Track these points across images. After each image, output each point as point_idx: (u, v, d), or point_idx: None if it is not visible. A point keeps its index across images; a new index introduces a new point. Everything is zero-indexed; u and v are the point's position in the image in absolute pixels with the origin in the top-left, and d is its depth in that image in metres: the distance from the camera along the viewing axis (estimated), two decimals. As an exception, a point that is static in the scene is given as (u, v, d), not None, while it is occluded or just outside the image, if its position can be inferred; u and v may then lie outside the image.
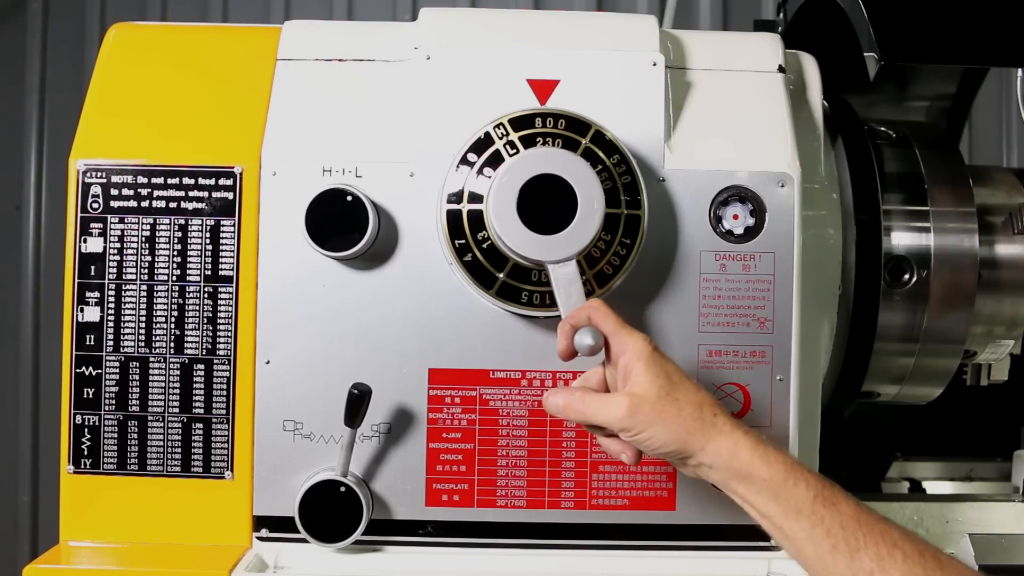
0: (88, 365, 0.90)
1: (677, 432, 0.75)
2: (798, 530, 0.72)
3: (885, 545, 0.68)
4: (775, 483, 0.73)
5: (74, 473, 0.91)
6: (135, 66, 0.97)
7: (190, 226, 0.91)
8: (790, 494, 0.72)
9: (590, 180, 0.83)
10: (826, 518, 0.71)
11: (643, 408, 0.76)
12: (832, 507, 0.71)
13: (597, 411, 0.78)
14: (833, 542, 0.70)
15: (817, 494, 0.72)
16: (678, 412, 0.75)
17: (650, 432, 0.76)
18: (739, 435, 0.75)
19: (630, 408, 0.76)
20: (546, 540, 0.91)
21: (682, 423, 0.75)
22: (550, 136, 0.88)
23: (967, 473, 1.36)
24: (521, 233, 0.83)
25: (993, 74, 1.70)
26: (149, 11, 2.44)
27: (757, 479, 0.74)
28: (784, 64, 0.98)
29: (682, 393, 0.76)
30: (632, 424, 0.76)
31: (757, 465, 0.74)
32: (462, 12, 1.03)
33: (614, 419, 0.77)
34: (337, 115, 0.93)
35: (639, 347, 0.78)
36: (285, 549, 0.90)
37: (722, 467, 0.75)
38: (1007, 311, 1.08)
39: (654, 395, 0.76)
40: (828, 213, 1.01)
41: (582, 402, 0.79)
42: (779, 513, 0.73)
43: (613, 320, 0.80)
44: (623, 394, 0.77)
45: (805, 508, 0.71)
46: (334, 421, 0.89)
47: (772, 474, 0.73)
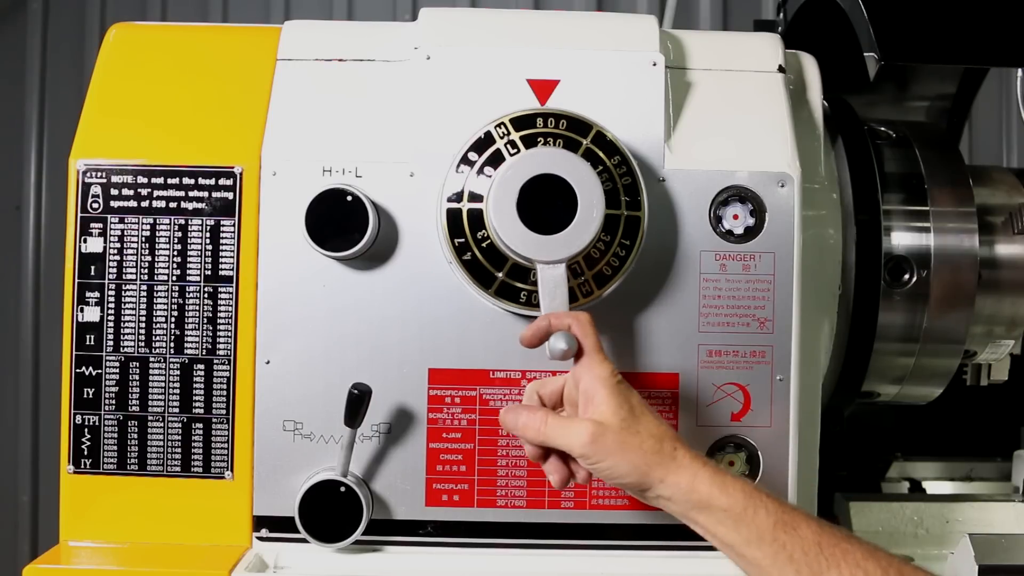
0: (88, 365, 0.90)
1: (637, 464, 0.75)
2: (761, 557, 0.72)
3: (848, 567, 0.69)
4: (735, 512, 0.73)
5: (74, 473, 0.91)
6: (135, 66, 0.97)
7: (190, 226, 0.91)
8: (751, 522, 0.72)
9: (591, 181, 0.83)
10: (788, 544, 0.71)
11: (606, 437, 0.75)
12: (793, 532, 0.71)
13: (558, 435, 0.77)
14: (796, 567, 0.70)
15: (777, 520, 0.72)
16: (639, 444, 0.75)
17: (611, 463, 0.76)
18: (698, 467, 0.75)
19: (593, 435, 0.75)
20: (546, 540, 0.91)
21: (642, 456, 0.75)
22: (551, 136, 0.88)
23: (967, 473, 1.36)
24: (520, 232, 0.83)
25: (993, 74, 1.70)
26: (149, 11, 2.44)
27: (716, 509, 0.74)
28: (784, 64, 0.98)
29: (643, 425, 0.76)
30: (593, 452, 0.75)
31: (716, 495, 0.74)
32: (462, 12, 1.03)
33: (576, 445, 0.76)
34: (337, 115, 0.93)
35: (605, 374, 0.78)
36: (285, 549, 0.90)
37: (681, 499, 0.75)
38: (1007, 311, 1.08)
39: (617, 425, 0.76)
40: (828, 213, 1.01)
41: (544, 423, 0.78)
42: (741, 542, 0.73)
43: (593, 340, 0.80)
44: (586, 420, 0.77)
45: (767, 535, 0.72)
46: (334, 421, 0.89)
47: (731, 503, 0.73)
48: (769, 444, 0.91)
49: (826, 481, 0.97)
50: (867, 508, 1.08)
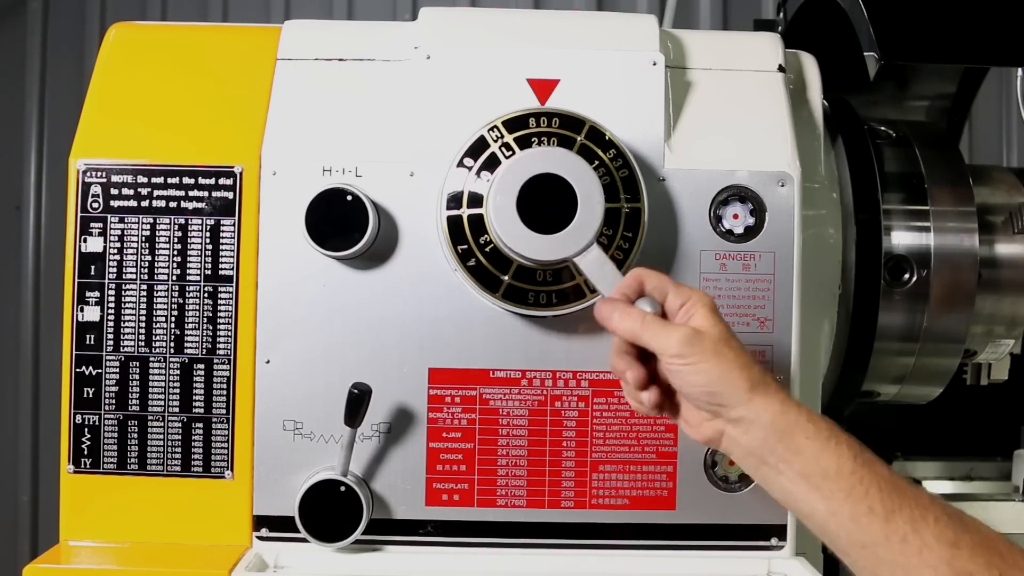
0: (88, 365, 0.90)
1: (729, 374, 0.73)
2: (836, 490, 0.70)
3: (919, 508, 0.68)
4: (819, 441, 0.71)
5: (74, 473, 0.91)
6: (135, 66, 0.97)
7: (190, 226, 0.91)
8: (833, 453, 0.70)
9: (588, 177, 0.83)
10: (865, 479, 0.69)
11: (704, 341, 0.74)
12: (870, 469, 0.70)
13: (654, 334, 0.75)
14: (870, 503, 0.68)
15: (857, 455, 0.71)
16: (735, 356, 0.74)
17: (704, 366, 0.73)
18: (785, 395, 0.74)
19: (691, 337, 0.74)
20: (546, 540, 0.91)
21: (737, 368, 0.73)
22: (545, 135, 0.88)
23: (967, 473, 1.36)
24: (523, 235, 0.83)
25: (993, 74, 1.70)
26: (149, 11, 2.44)
27: (800, 435, 0.71)
28: (784, 64, 0.98)
29: (738, 344, 0.75)
30: (689, 352, 0.73)
31: (802, 422, 0.72)
32: (462, 12, 1.03)
33: (673, 344, 0.74)
34: (337, 115, 0.93)
35: (703, 297, 0.76)
36: (285, 549, 0.90)
37: (766, 422, 0.72)
38: (1007, 311, 1.08)
39: (716, 335, 0.74)
40: (828, 213, 1.01)
41: (642, 319, 0.76)
42: (819, 472, 0.71)
43: (669, 279, 0.79)
44: (685, 325, 0.75)
45: (846, 468, 0.70)
46: (334, 421, 0.89)
47: (816, 432, 0.71)
48: (769, 444, 0.91)
49: (826, 481, 0.97)
50: (867, 508, 1.07)
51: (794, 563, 0.90)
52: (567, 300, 0.87)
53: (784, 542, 0.91)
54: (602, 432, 0.91)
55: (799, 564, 0.89)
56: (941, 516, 0.67)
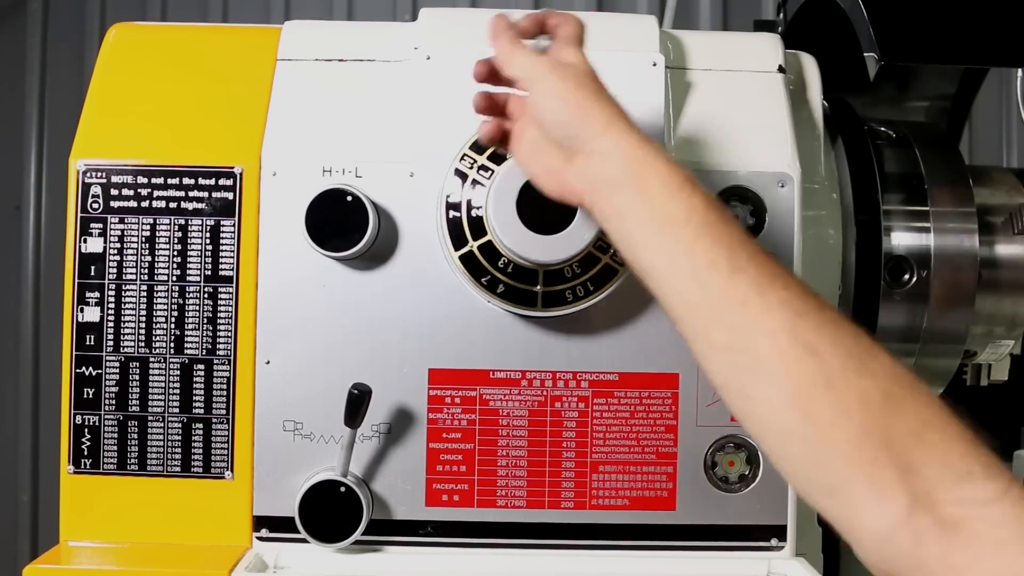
0: (88, 365, 0.90)
1: (586, 101, 0.69)
2: (681, 238, 0.62)
3: (767, 274, 0.60)
4: (673, 184, 0.64)
5: (74, 473, 0.91)
6: (135, 66, 0.97)
7: (190, 226, 0.91)
8: (684, 200, 0.63)
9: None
10: (714, 232, 0.62)
11: (567, 69, 0.72)
12: (724, 225, 0.63)
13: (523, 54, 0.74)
14: (712, 257, 0.61)
15: (710, 207, 0.63)
16: (597, 90, 0.71)
17: (562, 88, 0.70)
18: (645, 136, 0.68)
19: (555, 64, 0.72)
20: (546, 540, 0.91)
21: (596, 98, 0.69)
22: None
23: (967, 473, 1.36)
24: (523, 235, 0.83)
25: (993, 74, 1.70)
26: (149, 11, 2.44)
27: (653, 176, 0.65)
28: (784, 64, 0.98)
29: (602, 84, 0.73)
30: (548, 71, 0.71)
31: (660, 165, 0.65)
32: (462, 12, 1.03)
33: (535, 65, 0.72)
34: (337, 115, 0.93)
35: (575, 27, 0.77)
36: (285, 549, 0.90)
37: (619, 157, 0.66)
38: (1007, 311, 1.08)
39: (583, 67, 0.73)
40: (828, 213, 1.01)
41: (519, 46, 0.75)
42: (666, 217, 0.63)
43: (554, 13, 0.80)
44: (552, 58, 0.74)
45: (696, 217, 0.62)
46: (334, 421, 0.89)
47: (671, 175, 0.64)
48: (769, 444, 0.91)
49: (826, 481, 0.97)
50: (867, 508, 1.07)
51: (794, 564, 0.90)
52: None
53: (784, 543, 0.91)
54: (602, 433, 0.91)
55: (799, 565, 0.89)
56: (791, 285, 0.60)
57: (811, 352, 0.57)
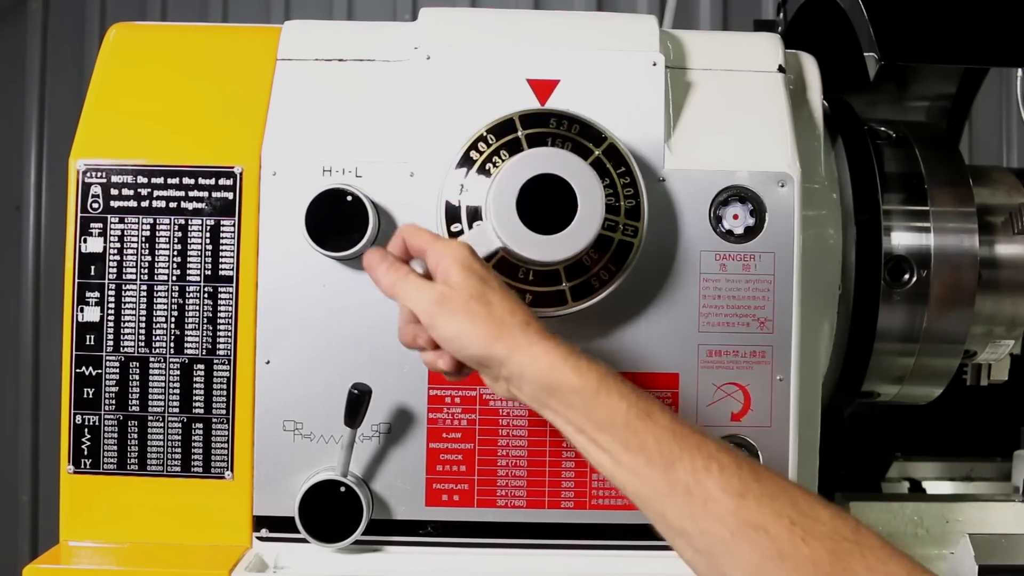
0: (88, 365, 0.91)
1: (483, 334, 0.71)
2: (612, 442, 0.68)
3: (701, 458, 0.65)
4: (587, 394, 0.69)
5: (74, 473, 0.91)
6: (135, 66, 0.97)
7: (190, 226, 0.91)
8: (603, 405, 0.68)
9: (589, 178, 0.83)
10: (640, 430, 0.67)
11: (453, 301, 0.72)
12: (647, 419, 0.67)
13: (410, 291, 0.74)
14: (648, 456, 0.66)
15: (631, 406, 0.68)
16: (488, 314, 0.72)
17: (455, 329, 0.72)
18: (550, 345, 0.71)
19: (440, 297, 0.72)
20: (546, 540, 0.91)
21: (489, 325, 0.71)
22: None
23: (967, 473, 1.36)
24: (518, 229, 0.83)
25: (993, 74, 1.70)
26: (149, 11, 2.44)
27: (568, 390, 0.69)
28: (784, 64, 0.98)
29: (496, 297, 0.73)
30: (437, 314, 0.72)
31: (568, 375, 0.69)
32: (462, 12, 1.03)
33: (423, 304, 0.73)
34: (337, 115, 0.93)
35: (455, 251, 0.75)
36: (285, 549, 0.90)
37: (531, 378, 0.70)
38: (1007, 311, 1.08)
39: (466, 293, 0.72)
40: (828, 213, 1.01)
41: (403, 277, 0.76)
42: (592, 426, 0.68)
43: (427, 236, 0.77)
44: (438, 284, 0.74)
45: (619, 420, 0.67)
46: (334, 421, 0.89)
47: (584, 384, 0.69)
48: (769, 444, 0.91)
49: (826, 481, 0.97)
50: (867, 508, 1.08)
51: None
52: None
53: (784, 542, 0.91)
54: (602, 432, 0.91)
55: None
56: (728, 465, 0.65)
57: (759, 530, 0.62)
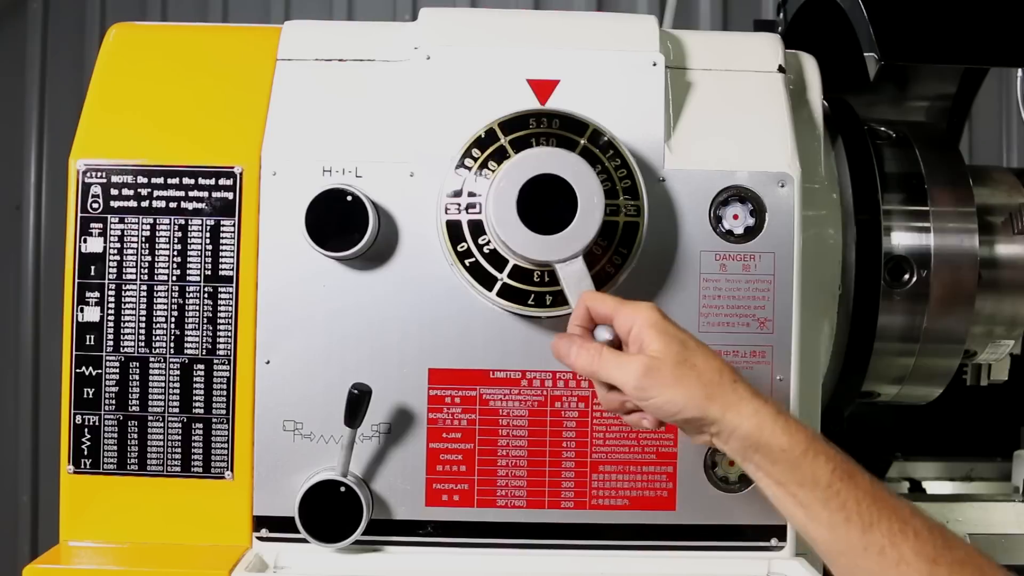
0: (88, 365, 0.90)
1: (695, 397, 0.73)
2: (813, 500, 0.71)
3: (898, 521, 0.68)
4: (794, 454, 0.72)
5: (74, 473, 0.91)
6: (135, 66, 0.97)
7: (190, 226, 0.91)
8: (808, 465, 0.71)
9: (589, 179, 0.83)
10: (842, 491, 0.70)
11: (660, 371, 0.73)
12: (849, 480, 0.70)
13: (612, 368, 0.75)
14: (847, 515, 0.69)
15: (836, 467, 0.71)
16: (697, 377, 0.73)
17: (667, 396, 0.73)
18: (759, 404, 0.73)
19: (646, 369, 0.73)
20: (546, 540, 0.91)
21: (701, 388, 0.73)
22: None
23: (967, 473, 1.36)
24: (523, 235, 0.83)
25: (993, 74, 1.70)
26: (149, 11, 2.44)
27: (776, 449, 0.72)
28: (784, 64, 0.98)
29: (700, 358, 0.74)
30: (648, 385, 0.73)
31: (777, 435, 0.72)
32: (462, 12, 1.03)
33: (630, 379, 0.74)
34: (337, 115, 0.93)
35: (648, 316, 0.76)
36: (285, 549, 0.90)
37: (741, 436, 0.73)
38: (1007, 311, 1.08)
39: (671, 359, 0.74)
40: (828, 213, 1.01)
41: (598, 355, 0.76)
42: (795, 482, 0.72)
43: (611, 301, 0.78)
44: (640, 355, 0.75)
45: (822, 480, 0.70)
46: (334, 421, 0.89)
47: (792, 445, 0.72)
48: (769, 444, 0.91)
49: (826, 481, 0.97)
50: (867, 508, 1.07)
51: (794, 564, 0.90)
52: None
53: (784, 543, 0.91)
54: (602, 432, 0.91)
55: (799, 565, 0.89)
56: (921, 531, 0.68)
57: None
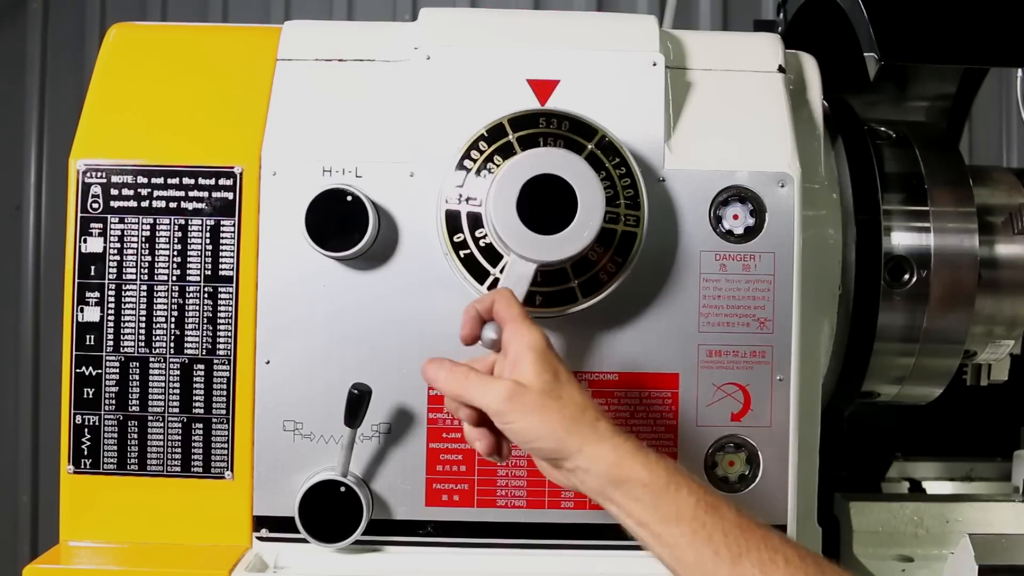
0: (88, 365, 0.90)
1: (555, 429, 0.72)
2: (678, 535, 0.69)
3: (767, 551, 0.67)
4: (655, 488, 0.70)
5: (74, 473, 0.91)
6: (135, 66, 0.97)
7: (190, 226, 0.91)
8: (671, 499, 0.70)
9: (589, 180, 0.83)
10: (708, 524, 0.68)
11: (524, 397, 0.72)
12: (714, 512, 0.69)
13: (476, 391, 0.74)
14: (715, 548, 0.68)
15: (699, 500, 0.70)
16: (559, 409, 0.72)
17: (526, 423, 0.73)
18: (619, 440, 0.72)
19: (510, 393, 0.73)
20: (546, 540, 0.91)
21: (561, 421, 0.72)
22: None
23: (967, 473, 1.36)
24: (519, 231, 0.83)
25: (993, 74, 1.70)
26: (149, 11, 2.44)
27: (636, 484, 0.70)
28: (784, 64, 0.98)
29: (567, 392, 0.74)
30: (509, 410, 0.73)
31: (637, 469, 0.71)
32: (462, 12, 1.03)
33: (492, 402, 0.73)
34: (337, 115, 0.93)
35: (533, 339, 0.75)
36: (285, 549, 0.90)
37: (599, 472, 0.72)
38: (1007, 311, 1.08)
39: (538, 387, 0.73)
40: (828, 213, 1.01)
41: (465, 378, 0.75)
42: (658, 519, 0.70)
43: (516, 310, 0.77)
44: (506, 379, 0.74)
45: (687, 514, 0.69)
46: (334, 421, 0.89)
47: (652, 479, 0.70)
48: (769, 444, 0.91)
49: (826, 481, 0.97)
50: (867, 508, 1.08)
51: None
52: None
53: (784, 542, 0.91)
54: (602, 432, 0.91)
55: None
56: (792, 558, 0.67)
57: None
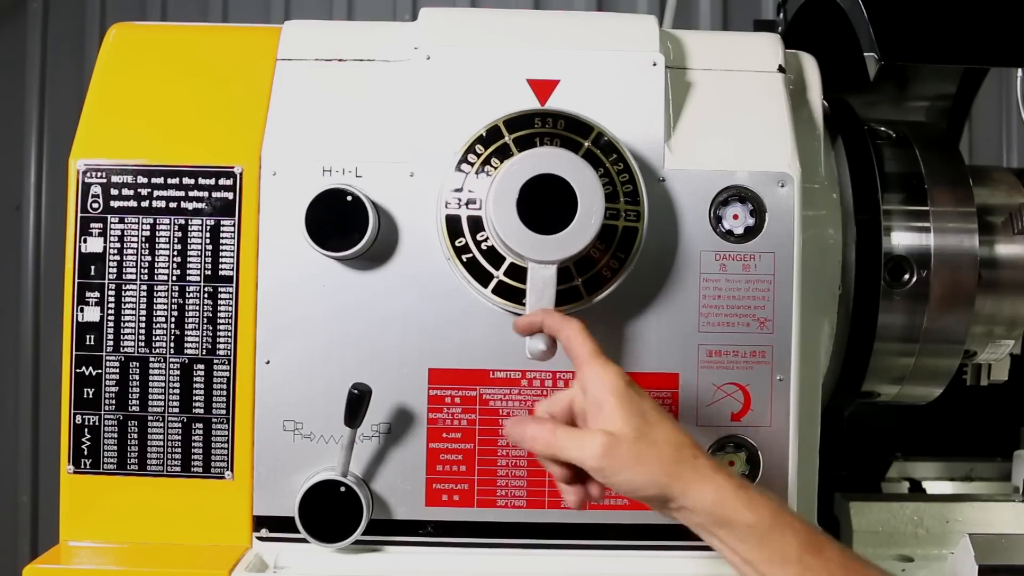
0: (88, 365, 0.91)
1: (655, 478, 0.71)
2: None
3: None
4: (760, 530, 0.69)
5: (74, 473, 0.91)
6: (135, 66, 0.97)
7: (190, 226, 0.91)
8: (776, 542, 0.69)
9: (589, 180, 0.83)
10: (813, 566, 0.68)
11: (619, 448, 0.71)
12: (819, 554, 0.69)
13: (570, 448, 0.73)
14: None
15: (804, 541, 0.69)
16: (657, 455, 0.71)
17: (627, 476, 0.71)
18: (721, 479, 0.71)
19: (606, 447, 0.71)
20: (546, 540, 0.91)
21: (660, 466, 0.71)
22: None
23: (967, 473, 1.36)
24: (519, 231, 0.83)
25: (993, 74, 1.70)
26: (149, 11, 2.44)
27: (740, 525, 0.70)
28: (784, 64, 0.98)
29: (659, 433, 0.72)
30: (607, 465, 0.71)
31: (740, 511, 0.70)
32: (462, 12, 1.03)
33: (588, 458, 0.71)
34: (337, 115, 0.93)
35: (613, 382, 0.74)
36: (285, 549, 0.90)
37: (704, 512, 0.71)
38: (1007, 311, 1.08)
39: (630, 435, 0.71)
40: (828, 213, 1.01)
41: (553, 435, 0.73)
42: (763, 560, 0.69)
43: (592, 346, 0.76)
44: (598, 432, 0.72)
45: (792, 556, 0.68)
46: (334, 421, 0.89)
47: (757, 520, 0.70)
48: (769, 444, 0.91)
49: (826, 481, 0.97)
50: (867, 508, 1.08)
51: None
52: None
53: (784, 542, 0.91)
54: (602, 432, 0.91)
55: None
56: None
57: None
